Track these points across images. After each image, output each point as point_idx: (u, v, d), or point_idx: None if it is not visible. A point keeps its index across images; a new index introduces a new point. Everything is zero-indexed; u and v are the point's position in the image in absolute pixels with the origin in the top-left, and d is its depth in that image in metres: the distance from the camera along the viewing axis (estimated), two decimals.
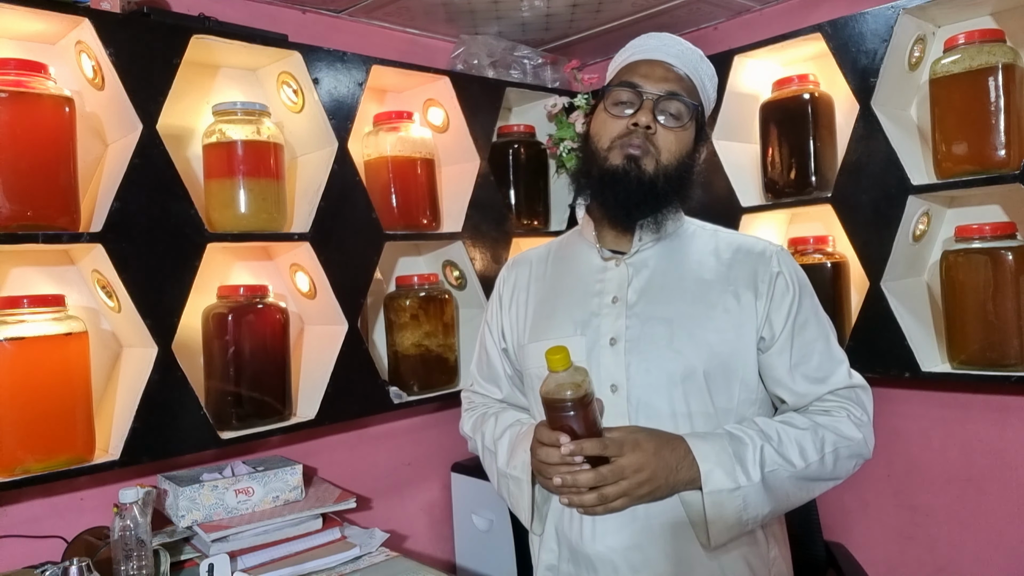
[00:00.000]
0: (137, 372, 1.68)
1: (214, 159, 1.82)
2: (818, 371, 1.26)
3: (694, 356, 1.21)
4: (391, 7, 2.18)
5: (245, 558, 1.61)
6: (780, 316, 1.25)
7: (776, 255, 1.30)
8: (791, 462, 1.18)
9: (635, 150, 1.23)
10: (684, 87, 1.27)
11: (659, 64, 1.28)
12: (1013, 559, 1.90)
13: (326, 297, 1.94)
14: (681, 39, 1.33)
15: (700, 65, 1.32)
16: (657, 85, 1.26)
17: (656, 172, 1.23)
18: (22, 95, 1.51)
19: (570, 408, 1.10)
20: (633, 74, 1.28)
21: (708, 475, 1.14)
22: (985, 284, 1.73)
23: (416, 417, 2.38)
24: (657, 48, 1.30)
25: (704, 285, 1.27)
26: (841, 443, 1.22)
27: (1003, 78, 1.67)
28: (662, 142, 1.24)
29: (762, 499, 1.16)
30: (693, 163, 1.29)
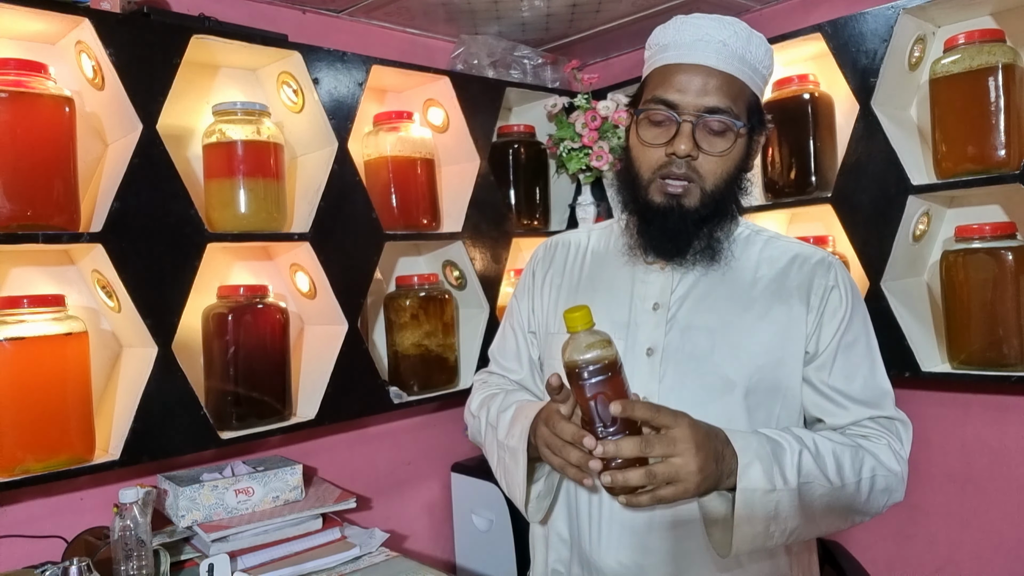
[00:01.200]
0: (137, 372, 1.68)
1: (214, 159, 1.82)
2: (861, 394, 1.17)
3: (735, 370, 1.14)
4: (391, 7, 2.18)
5: (245, 558, 1.61)
6: (828, 331, 1.16)
7: (834, 267, 1.20)
8: (827, 477, 1.08)
9: (675, 187, 1.12)
10: (729, 94, 1.12)
11: (697, 70, 1.12)
12: (1013, 558, 1.90)
13: (326, 297, 1.94)
14: (722, 19, 1.15)
15: (748, 49, 1.14)
16: (696, 100, 1.11)
17: (702, 201, 1.13)
18: (22, 95, 1.51)
19: (598, 372, 0.95)
20: (668, 87, 1.13)
21: (745, 470, 1.02)
22: (985, 284, 1.73)
23: (416, 417, 2.38)
24: (694, 44, 1.14)
25: (753, 294, 1.18)
26: (880, 471, 1.12)
27: (1003, 78, 1.67)
28: (706, 168, 1.12)
29: (793, 510, 1.05)
30: (745, 169, 1.18)
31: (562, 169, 2.48)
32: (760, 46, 1.16)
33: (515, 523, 2.19)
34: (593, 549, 1.19)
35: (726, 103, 1.12)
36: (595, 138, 2.35)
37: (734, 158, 1.15)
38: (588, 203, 2.49)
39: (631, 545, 1.15)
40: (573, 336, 0.98)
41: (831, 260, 1.22)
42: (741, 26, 1.15)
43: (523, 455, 1.15)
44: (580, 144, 2.37)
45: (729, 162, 1.14)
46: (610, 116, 2.35)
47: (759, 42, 1.17)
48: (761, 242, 1.25)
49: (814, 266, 1.20)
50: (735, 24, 1.15)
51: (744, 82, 1.15)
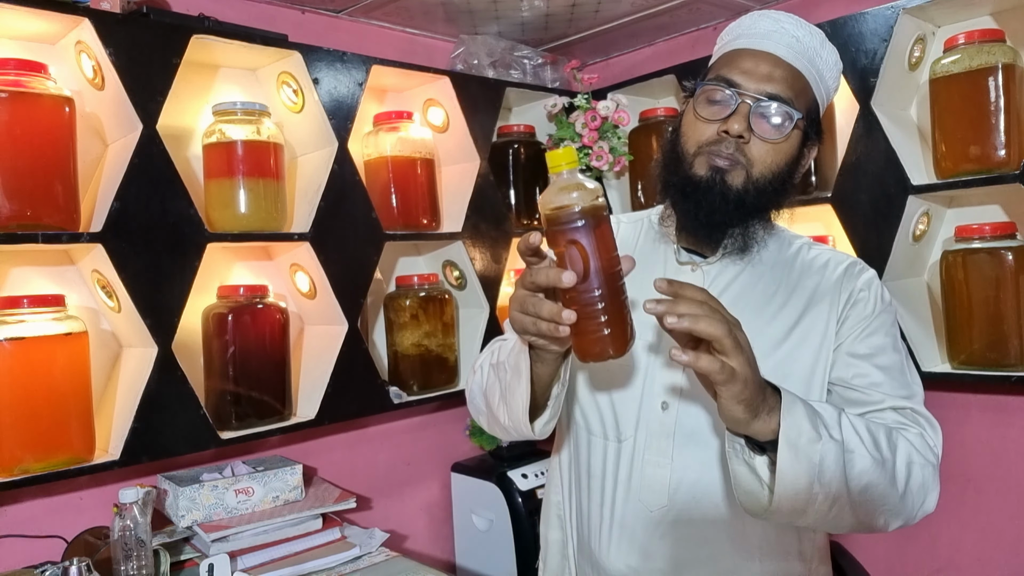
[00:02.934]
0: (137, 372, 1.68)
1: (214, 159, 1.82)
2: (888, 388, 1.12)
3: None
4: (390, 7, 2.18)
5: (245, 558, 1.61)
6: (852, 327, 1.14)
7: (865, 274, 1.18)
8: (866, 448, 0.98)
9: (722, 161, 1.09)
10: (793, 87, 1.10)
11: (765, 58, 1.11)
12: (1012, 559, 1.90)
13: (326, 297, 1.94)
14: (800, 20, 1.13)
15: (819, 53, 1.13)
16: (759, 85, 1.09)
17: (745, 186, 1.10)
18: (22, 95, 1.51)
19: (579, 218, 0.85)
20: (733, 68, 1.11)
21: (790, 408, 0.93)
22: (985, 284, 1.73)
23: (416, 417, 2.38)
24: (768, 34, 1.12)
25: (784, 302, 1.15)
26: (915, 456, 1.04)
27: (1003, 78, 1.67)
28: (756, 153, 1.09)
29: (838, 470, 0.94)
30: (795, 172, 1.14)
31: None
32: (831, 56, 1.15)
33: (515, 523, 2.19)
34: (601, 552, 1.19)
35: (788, 94, 1.10)
36: (595, 138, 2.35)
37: (785, 151, 1.11)
38: None
39: (638, 549, 1.15)
40: (555, 179, 0.88)
41: (862, 267, 1.19)
42: (817, 32, 1.14)
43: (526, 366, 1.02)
44: (580, 144, 2.37)
45: (779, 154, 1.11)
46: (610, 116, 2.35)
47: (831, 52, 1.15)
48: (795, 248, 1.23)
49: (843, 271, 1.18)
50: (812, 28, 1.14)
51: (809, 83, 1.13)
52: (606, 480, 1.19)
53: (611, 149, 2.35)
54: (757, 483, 0.97)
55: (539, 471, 2.27)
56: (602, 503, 1.20)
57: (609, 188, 2.52)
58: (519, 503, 2.18)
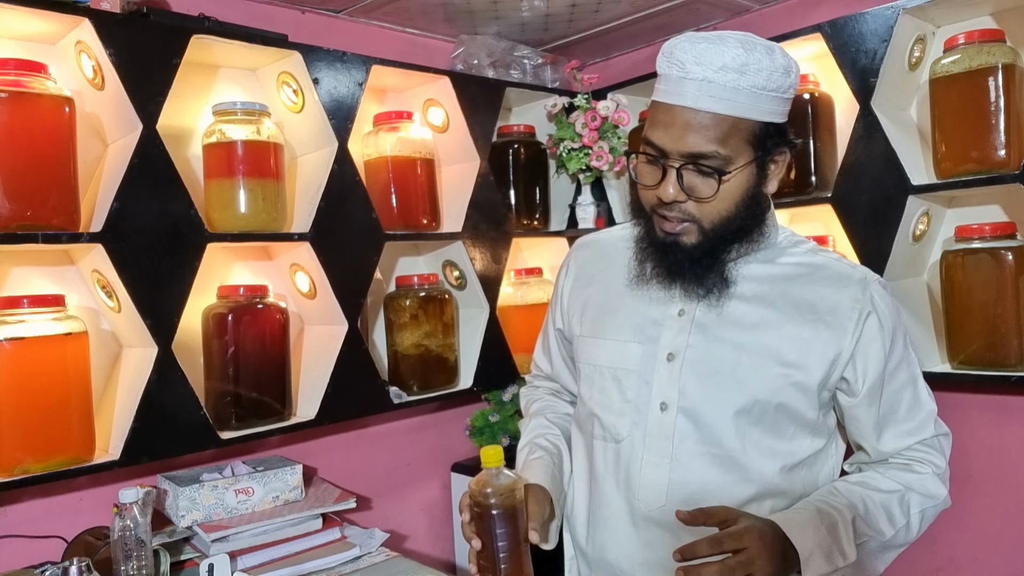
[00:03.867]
0: (137, 372, 1.68)
1: (214, 159, 1.82)
2: (905, 422, 1.18)
3: (757, 388, 1.12)
4: (390, 7, 2.18)
5: (245, 558, 1.61)
6: (870, 363, 1.14)
7: (871, 289, 1.15)
8: (881, 532, 1.12)
9: (671, 226, 1.11)
10: (716, 136, 1.05)
11: (679, 113, 1.06)
12: (1012, 559, 1.90)
13: (326, 297, 1.94)
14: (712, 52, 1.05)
15: (742, 78, 1.05)
16: (677, 145, 1.06)
17: (703, 239, 1.11)
18: (22, 95, 1.51)
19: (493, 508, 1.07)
20: (655, 127, 1.09)
21: (808, 561, 1.03)
22: (985, 284, 1.73)
23: (416, 417, 2.38)
24: (680, 81, 1.07)
25: (783, 311, 1.14)
26: (927, 503, 1.17)
27: (1003, 78, 1.67)
28: (701, 210, 1.09)
29: (854, 573, 1.11)
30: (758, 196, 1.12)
31: (562, 169, 2.48)
32: (760, 72, 1.05)
33: None
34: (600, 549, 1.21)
35: (712, 147, 1.06)
36: (595, 138, 2.35)
37: (731, 195, 1.09)
38: (588, 203, 2.49)
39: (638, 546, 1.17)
40: (484, 470, 1.09)
41: (870, 279, 1.16)
42: (735, 52, 1.04)
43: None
44: (580, 144, 2.37)
45: (726, 201, 1.09)
46: (610, 116, 2.35)
47: (759, 67, 1.05)
48: (798, 255, 1.20)
49: (850, 287, 1.15)
50: (726, 52, 1.04)
51: (739, 116, 1.06)
52: (606, 480, 1.21)
53: (611, 149, 2.36)
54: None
55: None
56: (601, 502, 1.21)
57: (609, 188, 2.52)
58: None
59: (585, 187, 2.50)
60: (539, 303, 2.42)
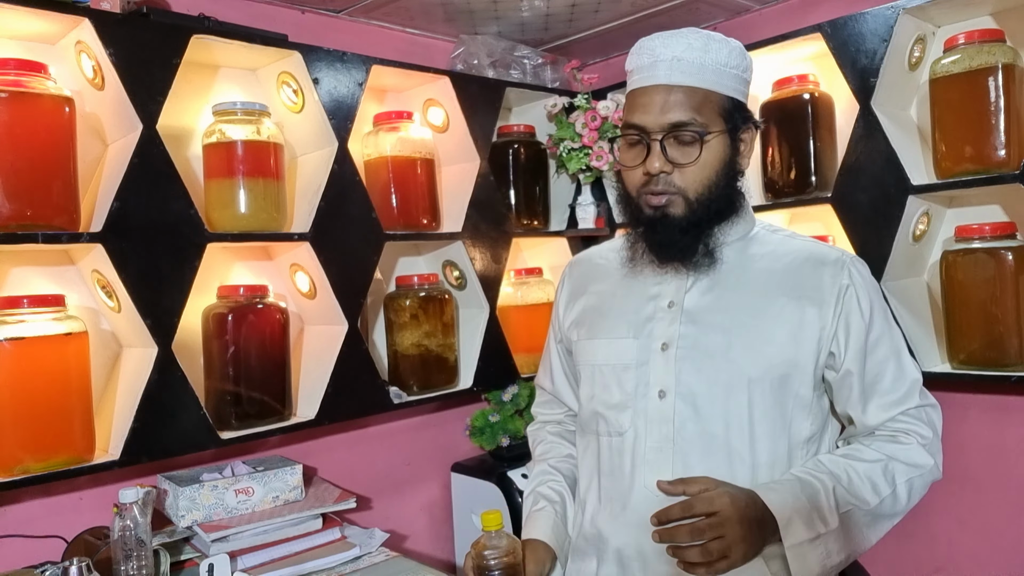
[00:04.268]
0: (137, 372, 1.68)
1: (214, 159, 1.82)
2: (889, 393, 1.22)
3: (749, 368, 1.18)
4: (390, 7, 2.18)
5: (245, 558, 1.61)
6: (851, 335, 1.20)
7: (848, 266, 1.23)
8: (865, 501, 1.15)
9: (658, 199, 1.19)
10: (691, 105, 1.17)
11: (655, 90, 1.18)
12: (1012, 558, 1.90)
13: (326, 297, 1.94)
14: (675, 35, 1.20)
15: (705, 56, 1.18)
16: (658, 118, 1.17)
17: (689, 210, 1.18)
18: (22, 95, 1.51)
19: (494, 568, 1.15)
20: (634, 110, 1.21)
21: (787, 527, 1.09)
22: (985, 284, 1.73)
23: (416, 417, 2.38)
24: (651, 66, 1.19)
25: (767, 294, 1.21)
26: (914, 473, 1.19)
27: (1003, 78, 1.67)
28: (685, 180, 1.18)
29: (841, 543, 1.12)
30: (734, 168, 1.22)
31: (562, 169, 2.48)
32: (720, 50, 1.19)
33: (515, 523, 2.19)
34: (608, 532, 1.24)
35: (689, 115, 1.17)
36: (595, 138, 2.35)
37: (712, 163, 1.19)
38: (588, 203, 2.49)
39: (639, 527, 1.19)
40: (485, 533, 1.17)
41: (846, 259, 1.24)
42: (696, 36, 1.20)
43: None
44: (580, 144, 2.37)
45: (707, 168, 1.18)
46: (610, 116, 2.35)
47: (719, 46, 1.19)
48: (776, 241, 1.28)
49: (829, 265, 1.22)
50: (689, 36, 1.19)
51: (708, 89, 1.18)
52: (613, 473, 1.25)
53: (611, 149, 2.36)
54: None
55: None
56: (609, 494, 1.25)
57: (609, 188, 2.52)
58: (519, 503, 2.18)
59: (585, 187, 2.50)
60: (539, 303, 2.42)
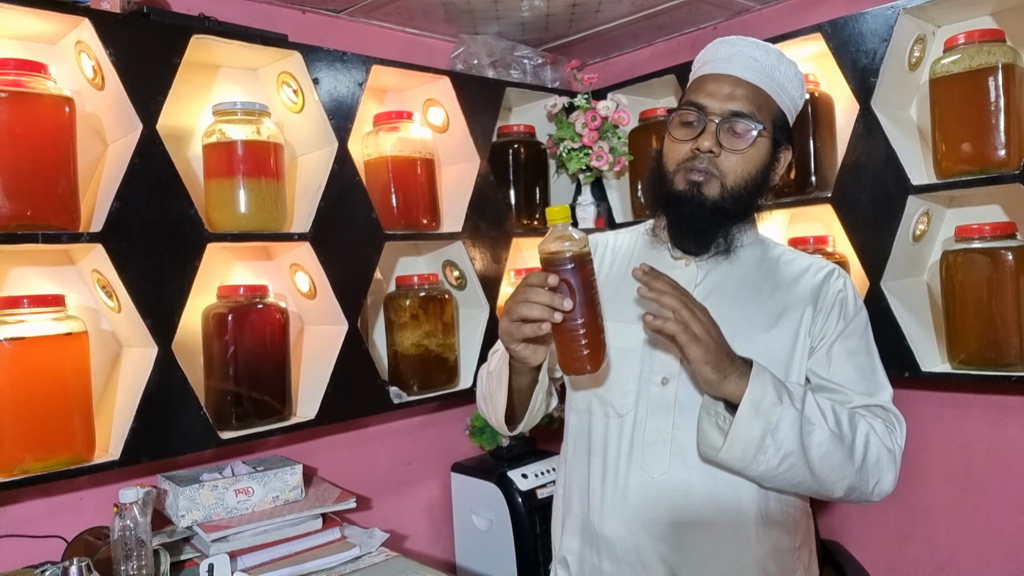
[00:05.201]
0: (137, 372, 1.68)
1: (214, 159, 1.82)
2: (859, 387, 1.25)
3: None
4: (390, 7, 2.18)
5: (245, 558, 1.61)
6: (832, 328, 1.25)
7: (843, 279, 1.30)
8: (827, 424, 1.14)
9: (698, 176, 1.22)
10: (754, 102, 1.24)
11: (726, 80, 1.25)
12: (1012, 558, 1.90)
13: (326, 297, 1.94)
14: (756, 41, 1.28)
15: (777, 68, 1.26)
16: (722, 104, 1.23)
17: (721, 195, 1.23)
18: (22, 95, 1.51)
19: (568, 262, 1.06)
20: (699, 92, 1.25)
21: (758, 375, 1.11)
22: (985, 284, 1.73)
23: (416, 417, 2.38)
24: (727, 58, 1.26)
25: (770, 296, 1.27)
26: (873, 438, 1.19)
27: (1003, 78, 1.67)
28: (727, 165, 1.22)
29: (794, 434, 1.11)
30: (767, 178, 1.27)
31: (562, 169, 2.48)
32: (789, 69, 1.28)
33: (515, 523, 2.19)
34: (601, 522, 1.25)
35: (750, 109, 1.23)
36: (595, 138, 2.35)
37: (754, 159, 1.24)
38: (588, 203, 2.49)
39: (639, 516, 1.21)
40: (551, 229, 1.09)
41: (840, 271, 1.31)
42: (774, 50, 1.27)
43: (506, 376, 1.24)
44: (580, 144, 2.37)
45: (749, 163, 1.23)
46: (610, 116, 2.35)
47: (789, 65, 1.28)
48: (778, 252, 1.35)
49: (825, 275, 1.30)
50: (768, 47, 1.28)
51: (770, 95, 1.25)
52: (608, 453, 1.26)
53: (611, 149, 2.36)
54: (720, 435, 1.13)
55: (539, 471, 2.27)
56: (604, 476, 1.26)
57: (609, 188, 2.52)
58: (519, 503, 2.18)
59: (585, 187, 2.50)
60: None
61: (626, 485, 1.23)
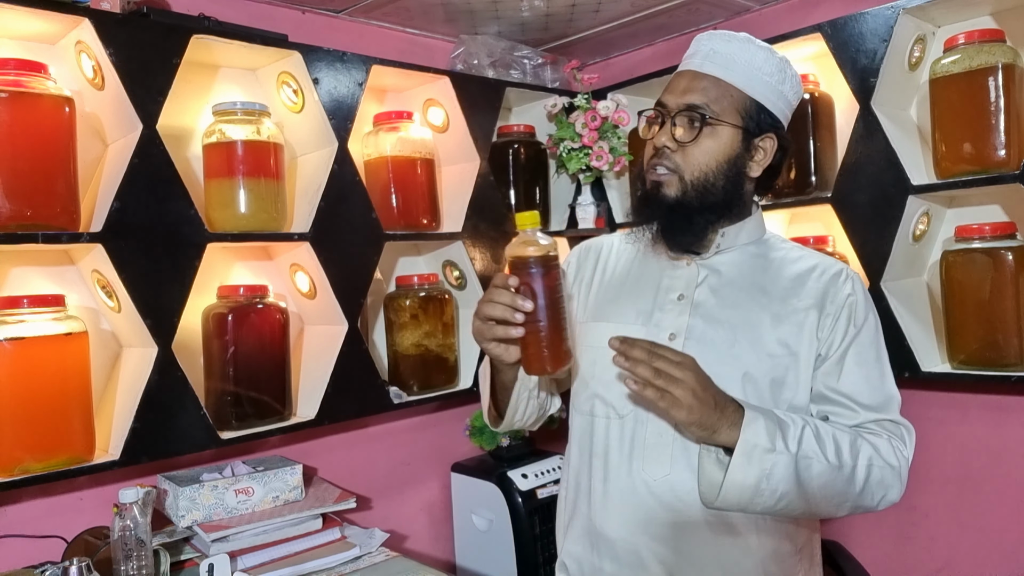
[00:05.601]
0: (137, 372, 1.68)
1: (214, 159, 1.82)
2: (868, 399, 1.22)
3: (751, 365, 1.19)
4: (390, 7, 2.18)
5: (245, 558, 1.61)
6: (841, 336, 1.22)
7: (852, 280, 1.26)
8: (826, 456, 1.12)
9: (656, 176, 1.23)
10: (711, 93, 1.21)
11: (684, 75, 1.25)
12: (1011, 559, 1.90)
13: (326, 297, 1.94)
14: (723, 33, 1.26)
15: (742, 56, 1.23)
16: (678, 99, 1.22)
17: (683, 191, 1.21)
18: (22, 95, 1.51)
19: (532, 265, 1.09)
20: (665, 91, 1.26)
21: (750, 423, 1.09)
22: (985, 284, 1.73)
23: (416, 417, 2.38)
24: (691, 55, 1.27)
25: (774, 297, 1.24)
26: (876, 460, 1.16)
27: (1003, 78, 1.67)
28: (688, 159, 1.21)
29: (788, 476, 1.10)
30: (741, 168, 1.24)
31: (562, 169, 2.48)
32: (757, 54, 1.24)
33: (515, 523, 2.19)
34: (604, 522, 1.24)
35: (703, 100, 1.21)
36: (595, 138, 2.35)
37: (714, 151, 1.21)
38: (588, 203, 2.49)
39: (640, 517, 1.21)
40: (521, 233, 1.12)
41: (850, 272, 1.28)
42: (741, 38, 1.25)
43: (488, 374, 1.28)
44: (580, 144, 2.37)
45: (707, 155, 1.21)
46: (610, 116, 2.35)
47: (757, 50, 1.24)
48: (785, 251, 1.32)
49: (832, 276, 1.26)
50: (735, 36, 1.25)
51: (733, 85, 1.22)
52: (609, 455, 1.25)
53: (611, 149, 2.36)
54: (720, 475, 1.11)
55: (539, 471, 2.27)
56: (605, 477, 1.25)
57: (609, 188, 2.52)
58: (519, 503, 2.18)
59: (585, 187, 2.50)
60: None
61: (626, 487, 1.22)
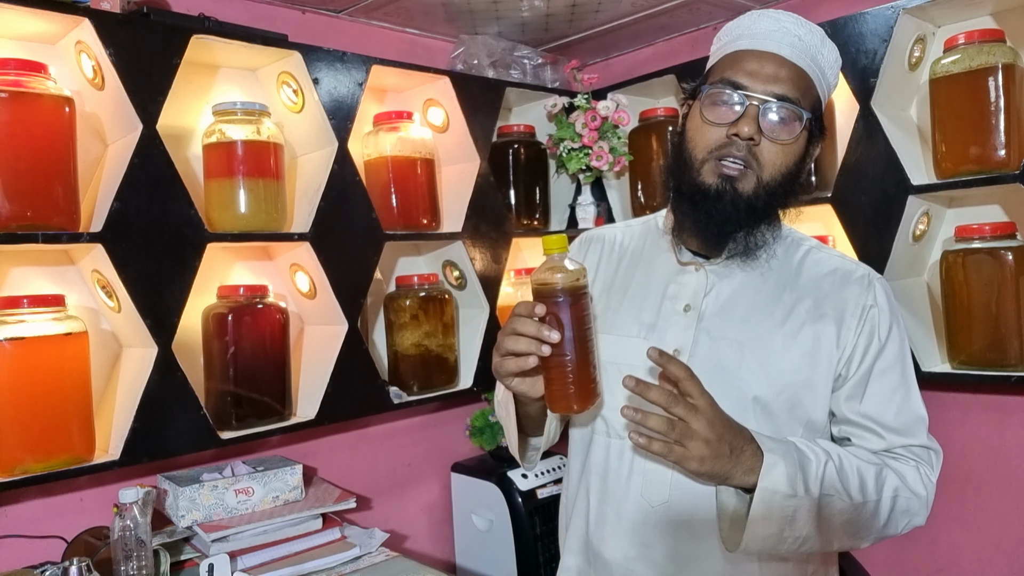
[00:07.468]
0: (137, 372, 1.68)
1: (214, 159, 1.82)
2: (894, 421, 1.14)
3: (761, 387, 1.11)
4: (390, 7, 2.18)
5: (245, 558, 1.61)
6: (863, 353, 1.13)
7: (874, 285, 1.16)
8: (849, 494, 1.06)
9: (732, 170, 1.09)
10: (799, 87, 1.09)
11: (769, 58, 1.09)
12: (1012, 559, 1.90)
13: (326, 297, 1.94)
14: (799, 18, 1.13)
15: (820, 51, 1.12)
16: (766, 86, 1.08)
17: (756, 191, 1.09)
18: (22, 95, 1.51)
19: (560, 294, 1.00)
20: (737, 70, 1.10)
21: (769, 469, 1.01)
22: (985, 284, 1.73)
23: (416, 417, 2.38)
24: (771, 34, 1.11)
25: (788, 308, 1.14)
26: (902, 491, 1.10)
27: (1003, 78, 1.67)
28: (766, 156, 1.09)
29: (810, 520, 1.04)
30: (801, 171, 1.14)
31: (562, 169, 2.48)
32: (832, 53, 1.15)
33: (515, 523, 2.19)
34: (600, 542, 1.20)
35: (795, 94, 1.09)
36: (595, 138, 2.35)
37: (795, 152, 1.11)
38: (588, 203, 2.49)
39: (638, 541, 1.16)
40: (547, 258, 1.03)
41: (872, 277, 1.18)
42: (817, 30, 1.14)
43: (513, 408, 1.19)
44: (580, 144, 2.37)
45: (789, 155, 1.10)
46: (610, 116, 2.35)
47: (832, 49, 1.15)
48: (803, 252, 1.22)
49: (853, 283, 1.16)
50: (812, 26, 1.13)
51: (813, 81, 1.12)
52: (608, 475, 1.20)
53: (611, 149, 2.36)
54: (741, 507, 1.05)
55: (539, 471, 2.27)
56: (602, 499, 1.20)
57: (609, 188, 2.52)
58: (519, 503, 2.19)
59: (585, 187, 2.50)
60: None
61: (624, 511, 1.17)
